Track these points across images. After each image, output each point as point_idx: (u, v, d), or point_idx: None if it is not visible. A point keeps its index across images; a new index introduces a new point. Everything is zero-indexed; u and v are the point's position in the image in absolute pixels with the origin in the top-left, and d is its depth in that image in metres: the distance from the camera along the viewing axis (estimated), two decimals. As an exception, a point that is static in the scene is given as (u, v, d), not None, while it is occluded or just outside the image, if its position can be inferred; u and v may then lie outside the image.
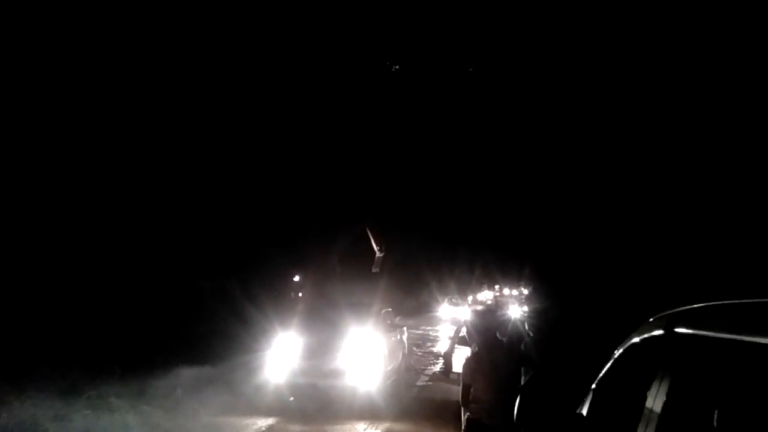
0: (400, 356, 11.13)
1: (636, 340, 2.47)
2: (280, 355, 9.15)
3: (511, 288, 47.85)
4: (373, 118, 23.68)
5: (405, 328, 12.30)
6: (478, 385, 5.47)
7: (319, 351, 9.00)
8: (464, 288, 34.23)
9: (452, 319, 19.19)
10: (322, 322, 9.60)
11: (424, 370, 13.58)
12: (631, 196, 15.11)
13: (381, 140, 24.86)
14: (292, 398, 9.08)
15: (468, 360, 6.01)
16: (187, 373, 9.70)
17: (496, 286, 47.87)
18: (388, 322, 10.90)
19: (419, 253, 28.13)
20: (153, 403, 8.25)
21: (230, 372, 10.27)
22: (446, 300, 24.29)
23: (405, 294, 27.83)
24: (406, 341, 12.19)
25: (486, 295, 39.19)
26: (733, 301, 1.73)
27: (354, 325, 9.38)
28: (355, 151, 23.42)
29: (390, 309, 12.02)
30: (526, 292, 40.92)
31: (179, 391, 9.00)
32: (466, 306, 25.07)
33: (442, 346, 16.17)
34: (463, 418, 5.55)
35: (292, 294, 21.57)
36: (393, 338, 10.66)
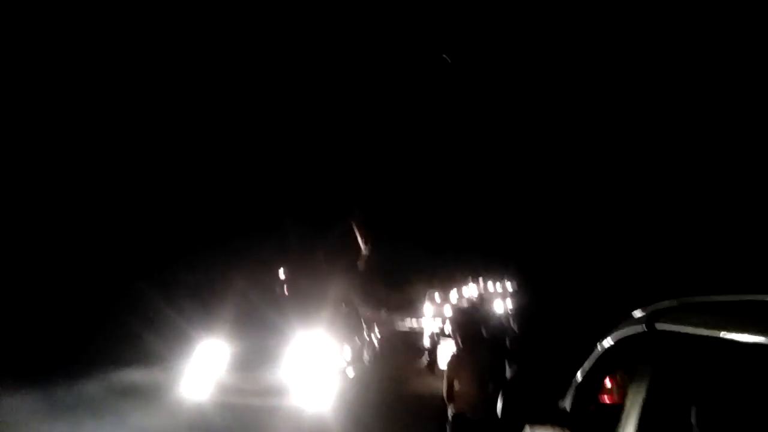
0: (367, 358, 9.49)
1: (617, 335, 2.50)
2: (202, 366, 7.16)
3: (495, 283, 48.18)
4: (359, 112, 23.62)
5: (375, 326, 10.90)
6: (462, 381, 5.52)
7: (254, 361, 7.13)
8: (449, 283, 34.36)
9: (435, 315, 19.21)
10: (261, 324, 7.57)
11: (409, 365, 13.57)
12: (615, 191, 15.26)
13: (368, 135, 24.83)
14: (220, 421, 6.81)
15: (452, 356, 6.06)
16: (55, 393, 7.19)
17: (481, 281, 48.13)
18: (353, 319, 9.28)
19: (405, 249, 28.21)
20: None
21: (126, 390, 7.94)
22: (427, 296, 24.22)
23: (391, 290, 27.90)
24: (376, 341, 10.69)
25: (471, 290, 39.36)
26: (713, 298, 1.76)
27: (302, 328, 7.48)
28: (338, 145, 23.39)
29: (355, 300, 10.63)
30: (510, 287, 41.26)
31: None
32: (449, 302, 25.21)
33: (427, 341, 16.23)
34: (448, 413, 5.60)
35: (277, 290, 21.53)
36: (358, 339, 9.00)
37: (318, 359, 7.28)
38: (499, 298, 29.47)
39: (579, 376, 3.09)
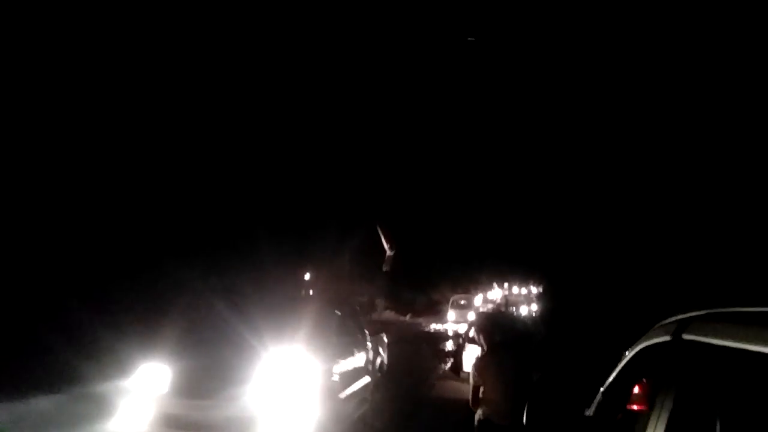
0: (371, 381, 7.61)
1: (644, 344, 2.50)
2: (141, 392, 5.62)
3: (520, 287, 47.81)
4: (387, 115, 23.74)
5: (383, 335, 9.14)
6: (487, 386, 5.52)
7: (212, 386, 5.46)
8: (474, 287, 34.20)
9: (459, 318, 19.17)
10: (220, 341, 5.89)
11: (434, 367, 13.55)
12: (644, 199, 15.06)
13: (396, 137, 24.94)
14: None
15: (477, 360, 6.05)
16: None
17: (506, 285, 47.81)
18: (350, 329, 7.42)
19: (430, 253, 28.20)
20: None
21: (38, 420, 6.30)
22: (451, 300, 23.88)
23: (415, 293, 27.93)
24: (385, 354, 8.86)
25: (496, 294, 39.12)
26: (741, 309, 1.75)
27: (273, 344, 5.74)
28: (367, 149, 23.51)
29: (356, 306, 9.31)
30: (535, 291, 40.86)
31: None
32: (474, 306, 25.12)
33: (450, 345, 16.22)
34: (475, 419, 5.60)
35: (303, 292, 21.76)
36: (357, 355, 7.24)
37: (294, 383, 5.53)
38: (525, 302, 29.23)
39: (606, 383, 3.09)
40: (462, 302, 25.09)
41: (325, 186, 21.76)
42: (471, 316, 18.87)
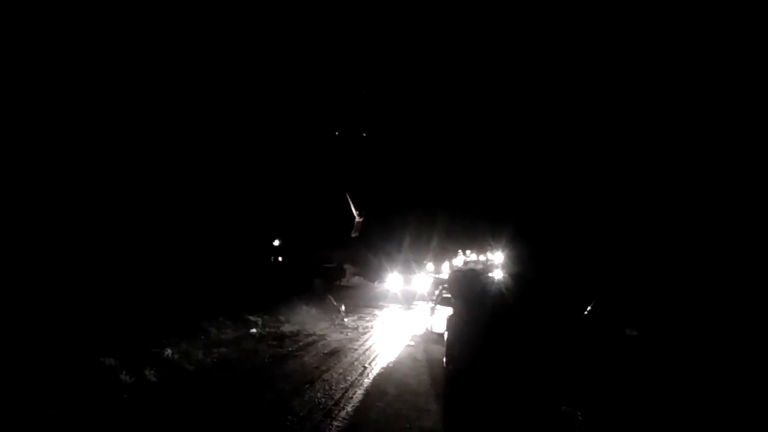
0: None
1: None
2: None
3: (485, 253, 48.31)
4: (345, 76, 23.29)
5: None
6: (459, 341, 5.63)
7: None
8: (441, 254, 34.48)
9: (430, 282, 19.13)
10: None
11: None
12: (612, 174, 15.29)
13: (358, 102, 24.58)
14: None
15: (450, 318, 6.14)
16: None
17: (468, 252, 48.08)
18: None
19: (398, 221, 28.17)
20: None
21: None
22: (422, 266, 23.18)
23: (384, 260, 27.87)
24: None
25: (459, 261, 39.45)
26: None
27: None
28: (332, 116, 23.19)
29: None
30: (500, 258, 41.38)
31: None
32: (441, 272, 25.40)
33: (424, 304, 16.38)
34: (445, 372, 5.72)
35: (272, 259, 21.66)
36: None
37: None
38: (495, 267, 29.77)
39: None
40: (430, 268, 25.40)
41: (295, 153, 21.45)
42: (442, 277, 19.05)
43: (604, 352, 4.97)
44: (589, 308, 5.56)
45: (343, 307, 14.43)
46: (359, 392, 7.48)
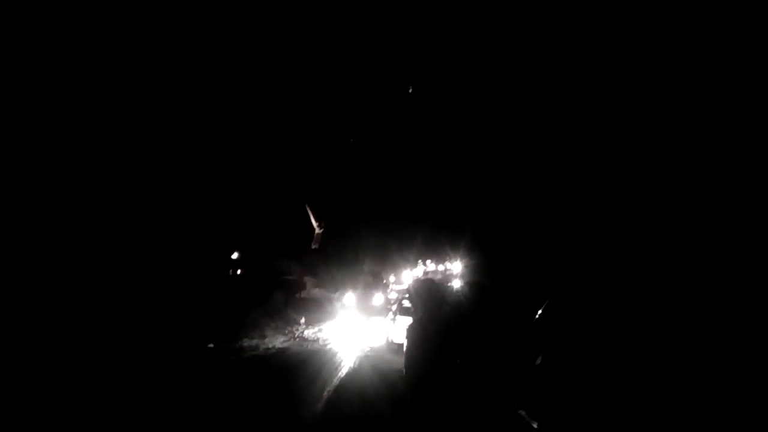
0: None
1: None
2: None
3: (443, 263, 48.66)
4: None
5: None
6: (418, 349, 5.71)
7: None
8: (401, 264, 34.61)
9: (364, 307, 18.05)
10: None
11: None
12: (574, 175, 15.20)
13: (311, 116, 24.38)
14: None
15: (409, 327, 6.23)
16: None
17: (428, 261, 48.35)
18: None
19: (358, 231, 28.19)
20: None
21: None
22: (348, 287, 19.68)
23: (345, 270, 27.83)
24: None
25: (419, 271, 39.68)
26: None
27: None
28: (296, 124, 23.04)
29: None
30: (458, 267, 41.77)
31: None
32: (402, 283, 25.50)
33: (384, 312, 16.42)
34: (403, 381, 5.80)
35: (231, 272, 21.32)
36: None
37: None
38: (450, 279, 30.10)
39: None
40: (390, 279, 25.54)
41: (255, 163, 21.21)
42: (402, 287, 19.13)
43: (555, 354, 5.14)
44: (540, 311, 5.75)
45: (303, 320, 14.36)
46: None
